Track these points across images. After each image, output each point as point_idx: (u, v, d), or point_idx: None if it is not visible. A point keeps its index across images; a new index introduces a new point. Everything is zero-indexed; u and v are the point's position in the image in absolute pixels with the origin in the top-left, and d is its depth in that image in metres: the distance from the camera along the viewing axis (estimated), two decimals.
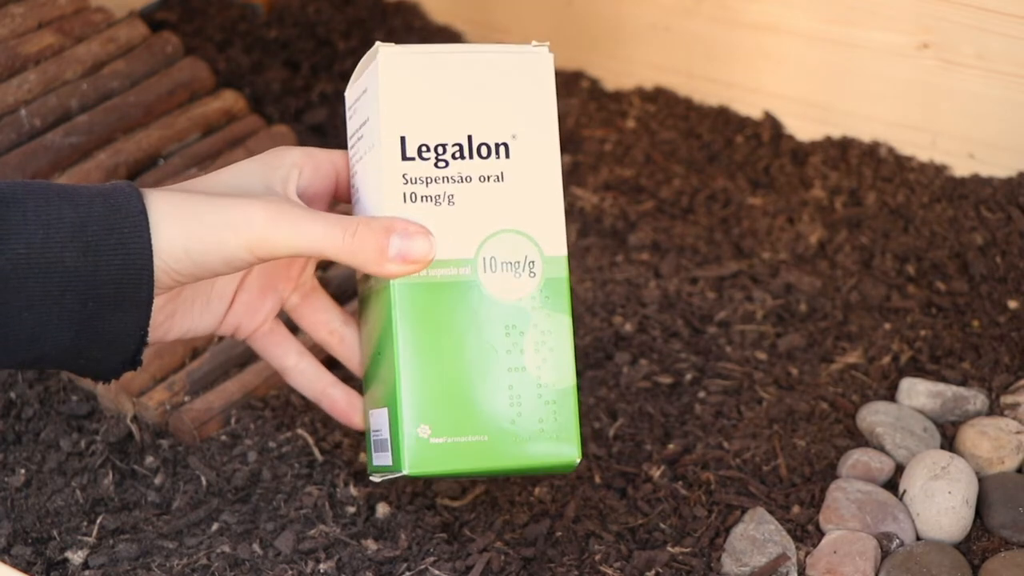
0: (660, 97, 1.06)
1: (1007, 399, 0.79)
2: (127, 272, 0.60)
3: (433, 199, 0.61)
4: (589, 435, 0.78)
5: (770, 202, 0.96)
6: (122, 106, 0.90)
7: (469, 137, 0.62)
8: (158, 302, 0.63)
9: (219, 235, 0.60)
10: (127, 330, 0.62)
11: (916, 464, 0.74)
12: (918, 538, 0.72)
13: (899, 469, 0.75)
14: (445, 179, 0.61)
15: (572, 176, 1.00)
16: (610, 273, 0.90)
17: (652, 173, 1.00)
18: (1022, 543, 0.71)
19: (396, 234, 0.60)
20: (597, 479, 0.75)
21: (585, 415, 0.79)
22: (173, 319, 0.66)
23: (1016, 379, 0.81)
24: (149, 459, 0.76)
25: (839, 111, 1.01)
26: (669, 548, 0.70)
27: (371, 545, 0.70)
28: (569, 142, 1.03)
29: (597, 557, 0.70)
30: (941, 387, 0.79)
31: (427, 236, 0.61)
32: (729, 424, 0.78)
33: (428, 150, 0.61)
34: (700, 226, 0.94)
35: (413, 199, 0.61)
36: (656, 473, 0.75)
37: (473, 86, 0.62)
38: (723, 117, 1.04)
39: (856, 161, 0.99)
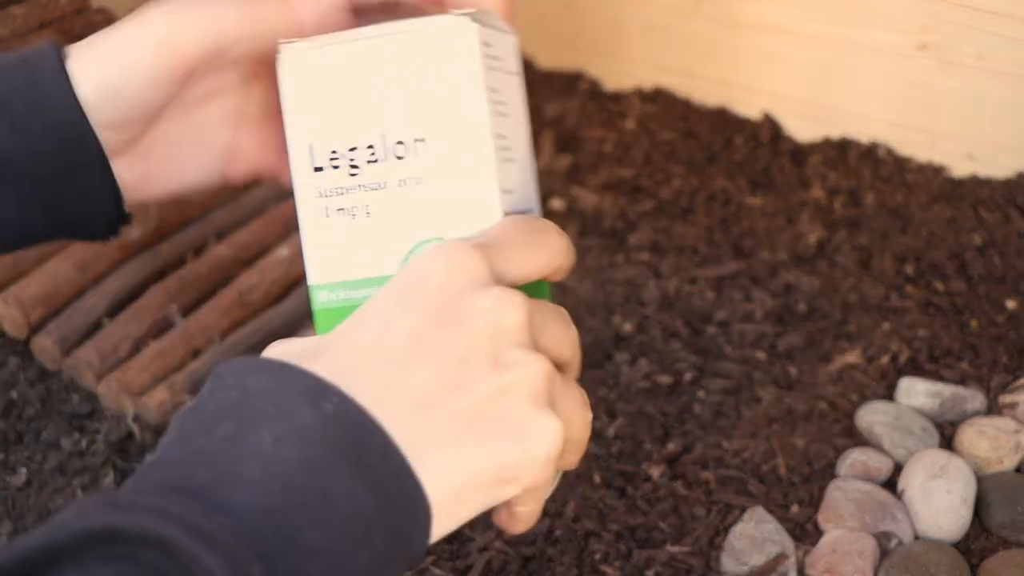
0: (660, 97, 1.07)
1: (1005, 399, 0.79)
2: (62, 139, 0.56)
3: (349, 212, 0.54)
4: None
5: (769, 202, 0.96)
6: None
7: (383, 136, 0.53)
8: (119, 164, 0.58)
9: (125, 57, 0.56)
10: (96, 191, 0.58)
11: (915, 464, 0.74)
12: (917, 537, 0.72)
13: (898, 468, 0.75)
14: (358, 188, 0.54)
15: (572, 176, 1.00)
16: (610, 273, 0.90)
17: (652, 173, 1.00)
18: (1021, 542, 0.71)
19: None
20: (597, 478, 0.75)
21: None
22: (150, 179, 0.61)
23: (1014, 378, 0.81)
24: (150, 458, 0.76)
25: (838, 111, 1.01)
26: (668, 547, 0.71)
27: None
28: (569, 142, 1.03)
29: (596, 556, 0.70)
30: (940, 387, 0.80)
31: None
32: (728, 424, 0.79)
33: (338, 156, 0.54)
34: (699, 226, 0.94)
35: (327, 214, 0.54)
36: (655, 472, 0.75)
37: (386, 74, 0.53)
38: (722, 117, 1.04)
39: (855, 161, 0.99)
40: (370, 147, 0.53)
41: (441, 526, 0.47)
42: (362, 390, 0.46)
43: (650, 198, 0.98)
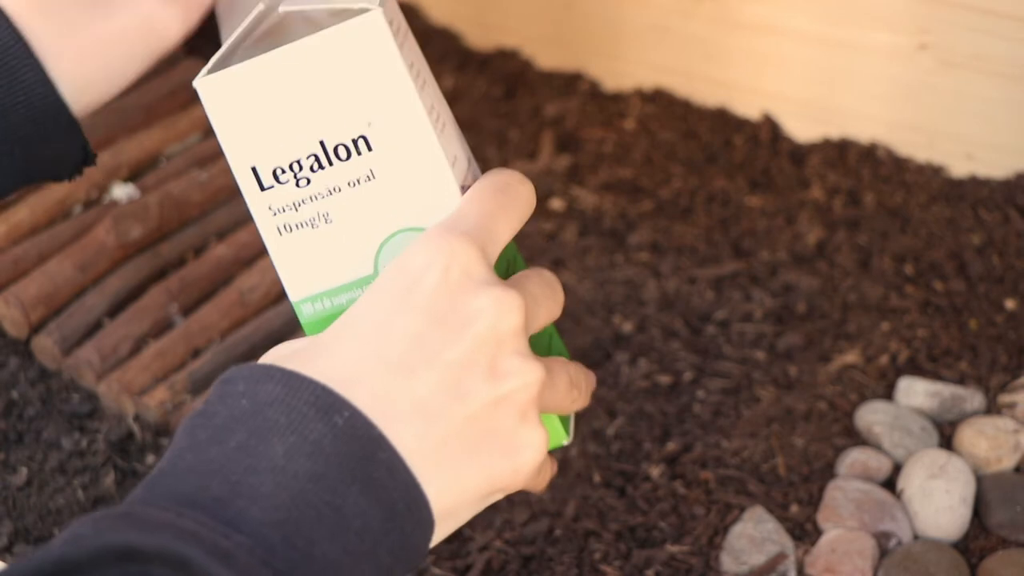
0: (659, 98, 1.07)
1: (1004, 398, 0.80)
2: (34, 114, 0.57)
3: (309, 223, 0.54)
4: (588, 434, 0.78)
5: (769, 202, 0.96)
6: (123, 108, 0.90)
7: (322, 143, 0.53)
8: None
9: (112, 57, 0.57)
10: (67, 147, 0.59)
11: (914, 463, 0.74)
12: (916, 537, 0.72)
13: (897, 468, 0.75)
14: (313, 198, 0.54)
15: (572, 176, 1.00)
16: (610, 273, 0.90)
17: (651, 173, 1.00)
18: (1020, 542, 0.72)
19: None
20: (596, 478, 0.75)
21: (584, 414, 0.79)
22: (100, 82, 0.62)
23: (1013, 378, 0.81)
24: (150, 458, 0.76)
25: (837, 112, 1.01)
26: (668, 547, 0.71)
27: None
28: (569, 142, 1.03)
29: (596, 556, 0.70)
30: (939, 386, 0.80)
31: None
32: (728, 423, 0.79)
33: (284, 172, 0.54)
34: (699, 226, 0.95)
35: (288, 229, 0.54)
36: (655, 472, 0.75)
37: (308, 83, 0.53)
38: (722, 118, 1.04)
39: (854, 162, 0.99)
40: (312, 155, 0.53)
41: (436, 538, 0.48)
42: (365, 400, 0.46)
43: (650, 198, 0.98)
